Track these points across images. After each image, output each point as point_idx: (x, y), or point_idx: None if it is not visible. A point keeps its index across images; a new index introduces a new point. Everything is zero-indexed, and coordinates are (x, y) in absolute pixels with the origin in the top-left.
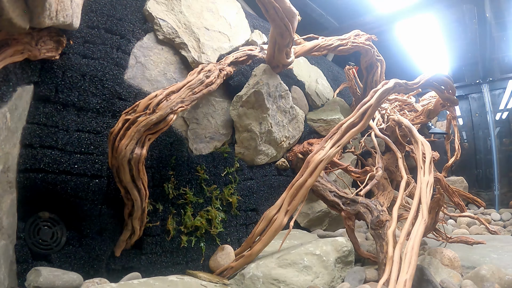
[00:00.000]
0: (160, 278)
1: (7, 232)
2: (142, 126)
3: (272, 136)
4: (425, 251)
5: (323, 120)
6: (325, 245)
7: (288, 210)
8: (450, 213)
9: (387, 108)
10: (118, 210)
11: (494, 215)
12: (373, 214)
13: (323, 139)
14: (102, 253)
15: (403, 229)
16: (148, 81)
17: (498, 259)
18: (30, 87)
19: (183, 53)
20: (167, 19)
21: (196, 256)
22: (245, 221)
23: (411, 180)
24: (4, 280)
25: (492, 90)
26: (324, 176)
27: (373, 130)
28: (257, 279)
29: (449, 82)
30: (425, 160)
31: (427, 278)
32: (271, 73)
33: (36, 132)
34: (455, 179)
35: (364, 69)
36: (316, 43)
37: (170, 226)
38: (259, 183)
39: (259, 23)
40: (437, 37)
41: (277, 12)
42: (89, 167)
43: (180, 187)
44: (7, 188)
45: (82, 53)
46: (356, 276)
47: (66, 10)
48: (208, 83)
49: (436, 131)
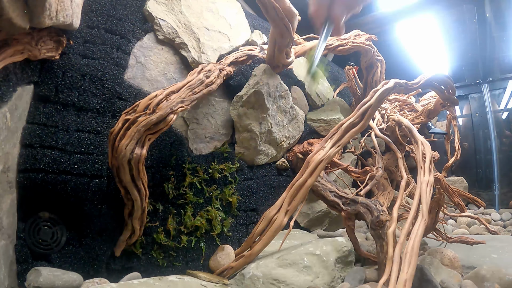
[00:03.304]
0: (160, 278)
1: (7, 232)
2: (142, 126)
3: (272, 136)
4: (425, 251)
5: (323, 120)
6: (325, 245)
7: (288, 210)
8: (450, 213)
9: (387, 108)
10: (118, 210)
11: (494, 215)
12: (373, 214)
13: (323, 139)
14: (102, 253)
15: (403, 229)
16: (148, 81)
17: (498, 259)
18: (30, 87)
19: (183, 53)
20: (167, 19)
21: (196, 256)
22: (245, 221)
23: (411, 180)
24: (4, 280)
25: (492, 90)
26: (324, 176)
27: (373, 130)
28: (257, 279)
29: (449, 82)
30: (425, 160)
31: (427, 278)
32: (271, 73)
33: (36, 132)
34: (455, 179)
35: (364, 69)
36: (316, 43)
37: (170, 226)
38: (259, 183)
39: (259, 23)
40: (437, 37)
41: (277, 12)
42: (89, 167)
43: (180, 187)
44: (7, 188)
45: (82, 53)
46: (356, 276)
47: (66, 10)
48: (208, 83)
49: (436, 131)
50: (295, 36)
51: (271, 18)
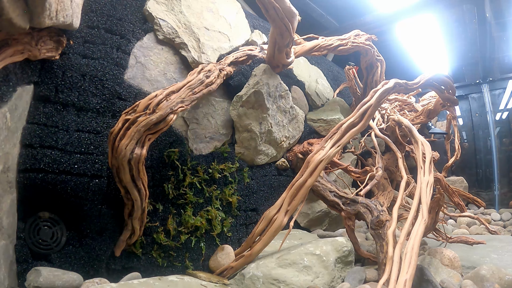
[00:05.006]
0: (160, 278)
1: (7, 232)
2: (142, 126)
3: (272, 136)
4: (425, 251)
5: (323, 120)
6: (325, 245)
7: (288, 210)
8: (450, 213)
9: (387, 108)
10: (118, 210)
11: (494, 215)
12: (373, 214)
13: (323, 139)
14: (102, 253)
15: (403, 229)
16: (148, 81)
17: (498, 259)
18: (30, 87)
19: (183, 53)
20: (167, 19)
21: (196, 256)
22: (245, 221)
23: (411, 180)
24: (4, 280)
25: (492, 90)
26: (324, 176)
27: (373, 130)
28: (257, 279)
29: (449, 82)
30: (425, 160)
31: (427, 278)
32: (271, 73)
33: (36, 132)
34: (455, 179)
35: (364, 69)
36: (316, 43)
37: (170, 226)
38: (259, 183)
39: (259, 23)
40: (437, 37)
41: (277, 12)
42: (89, 167)
43: (180, 187)
44: (7, 188)
45: (82, 53)
46: (356, 276)
47: (66, 10)
48: (208, 83)
49: (436, 131)
50: (295, 36)
51: (271, 18)
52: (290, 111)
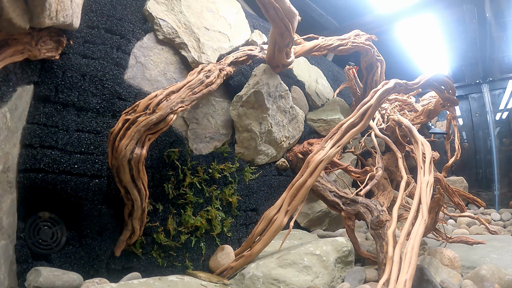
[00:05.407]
0: (160, 278)
1: (7, 232)
2: (142, 126)
3: (272, 136)
4: (425, 251)
5: (323, 120)
6: (325, 245)
7: (288, 210)
8: (450, 213)
9: (387, 108)
10: (118, 210)
11: (494, 215)
12: (373, 214)
13: (323, 139)
14: (102, 253)
15: (403, 229)
16: (148, 81)
17: (498, 259)
18: (30, 87)
19: (183, 53)
20: (167, 19)
21: (196, 256)
22: (245, 221)
23: (411, 180)
24: (4, 280)
25: (492, 90)
26: (324, 176)
27: (373, 130)
28: (257, 279)
29: (449, 82)
30: (425, 160)
31: (427, 278)
32: (271, 73)
33: (36, 132)
34: (455, 179)
35: (364, 69)
36: (316, 43)
37: (170, 226)
38: (259, 183)
39: (259, 23)
40: (437, 37)
41: (277, 12)
42: (89, 167)
43: (180, 187)
44: (7, 188)
45: (82, 53)
46: (356, 276)
47: (66, 10)
48: (208, 83)
49: (436, 131)
50: (295, 36)
51: (271, 18)
52: (290, 111)
